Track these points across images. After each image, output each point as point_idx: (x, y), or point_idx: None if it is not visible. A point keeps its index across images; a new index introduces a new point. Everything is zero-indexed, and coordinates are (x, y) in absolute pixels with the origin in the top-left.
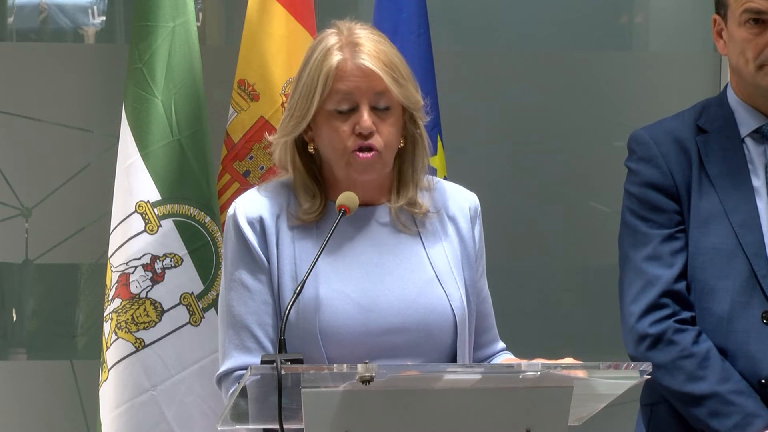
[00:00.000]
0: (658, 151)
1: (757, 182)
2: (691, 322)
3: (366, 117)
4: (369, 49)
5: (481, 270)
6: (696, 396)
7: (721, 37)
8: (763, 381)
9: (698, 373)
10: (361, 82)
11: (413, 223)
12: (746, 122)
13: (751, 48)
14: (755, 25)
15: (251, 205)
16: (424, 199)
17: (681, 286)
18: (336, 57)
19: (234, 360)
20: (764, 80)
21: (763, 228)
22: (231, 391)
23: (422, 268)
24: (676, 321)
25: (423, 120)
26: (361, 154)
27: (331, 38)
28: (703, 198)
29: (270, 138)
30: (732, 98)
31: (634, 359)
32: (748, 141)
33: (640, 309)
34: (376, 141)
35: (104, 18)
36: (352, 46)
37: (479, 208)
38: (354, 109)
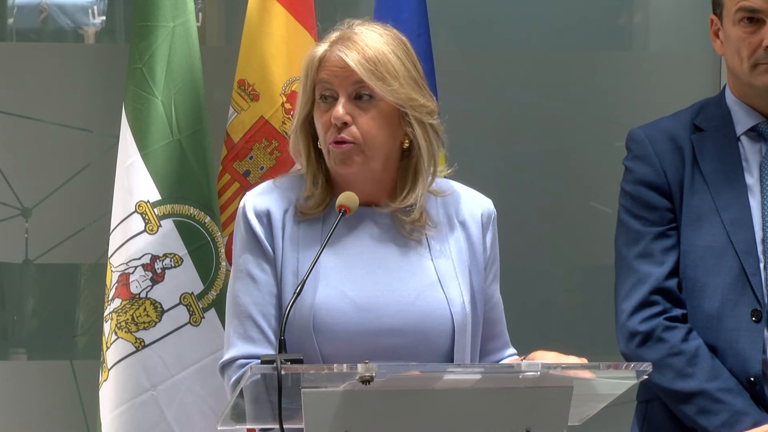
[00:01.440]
0: (652, 150)
1: (751, 180)
2: (682, 319)
3: (339, 108)
4: (355, 42)
5: (492, 276)
6: (684, 393)
7: (717, 37)
8: (752, 378)
9: (686, 371)
10: (339, 72)
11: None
12: (742, 121)
13: (746, 47)
14: (749, 24)
15: (260, 199)
16: (430, 206)
17: (672, 283)
18: (322, 48)
19: (237, 349)
20: (758, 79)
21: (754, 226)
22: (233, 380)
23: (425, 271)
24: (666, 318)
25: (423, 120)
26: (335, 145)
27: (332, 34)
28: (696, 196)
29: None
30: (729, 97)
31: (625, 356)
32: (744, 139)
33: (631, 306)
34: (350, 133)
35: (104, 18)
36: (343, 39)
37: (494, 214)
38: (336, 100)
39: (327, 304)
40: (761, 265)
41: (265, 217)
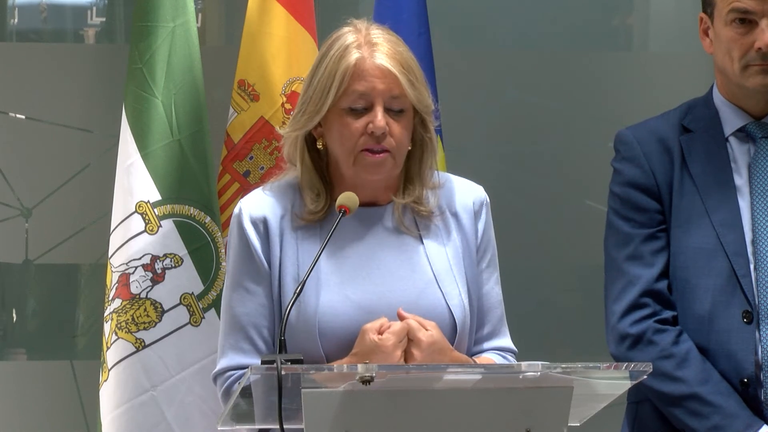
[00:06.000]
0: (641, 151)
1: (740, 181)
2: (673, 321)
3: (380, 117)
4: (387, 49)
5: (486, 263)
6: (675, 396)
7: (707, 35)
8: (745, 380)
9: (677, 374)
10: (378, 83)
11: (415, 224)
12: (730, 121)
13: (737, 48)
14: (741, 25)
15: (256, 206)
16: (430, 199)
17: (662, 285)
18: (354, 55)
19: (228, 359)
20: (749, 81)
21: (744, 227)
22: (222, 390)
23: (422, 269)
24: (657, 321)
25: (433, 124)
26: (370, 154)
27: (349, 36)
28: (685, 197)
29: (281, 131)
30: (717, 98)
31: (615, 358)
32: (732, 140)
33: (622, 308)
34: (388, 142)
35: (104, 18)
36: (370, 45)
37: (486, 201)
38: (368, 109)
39: (332, 309)
40: (751, 267)
41: (262, 225)
